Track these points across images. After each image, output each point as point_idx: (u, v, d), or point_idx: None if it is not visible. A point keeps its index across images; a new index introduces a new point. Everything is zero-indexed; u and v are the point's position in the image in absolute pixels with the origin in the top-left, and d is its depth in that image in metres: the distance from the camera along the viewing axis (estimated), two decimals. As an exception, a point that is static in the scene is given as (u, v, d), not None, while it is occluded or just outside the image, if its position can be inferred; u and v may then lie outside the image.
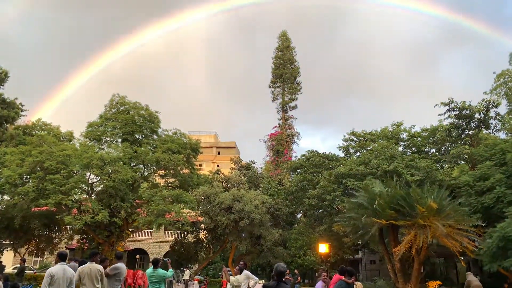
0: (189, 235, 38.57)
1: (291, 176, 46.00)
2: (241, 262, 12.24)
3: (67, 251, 29.47)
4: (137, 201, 33.00)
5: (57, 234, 37.75)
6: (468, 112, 34.33)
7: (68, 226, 36.08)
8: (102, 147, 34.75)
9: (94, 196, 32.00)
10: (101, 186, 31.75)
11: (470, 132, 35.42)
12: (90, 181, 32.29)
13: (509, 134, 34.44)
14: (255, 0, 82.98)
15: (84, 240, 35.41)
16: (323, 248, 33.68)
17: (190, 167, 37.39)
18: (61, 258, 8.57)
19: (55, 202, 27.20)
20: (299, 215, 45.26)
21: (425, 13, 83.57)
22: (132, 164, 33.43)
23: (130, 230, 35.33)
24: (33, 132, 36.42)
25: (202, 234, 38.37)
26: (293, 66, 58.72)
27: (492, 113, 34.67)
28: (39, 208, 31.01)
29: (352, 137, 42.54)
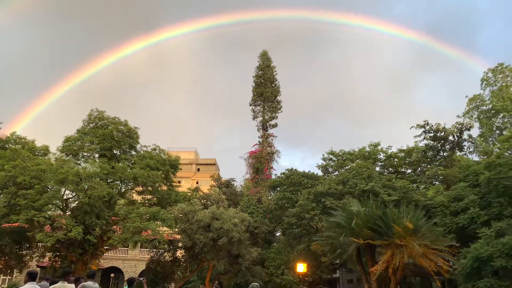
0: (165, 253, 37.85)
1: (271, 194, 45.99)
2: (216, 282, 12.11)
3: (38, 269, 28.46)
4: (113, 218, 32.32)
5: (28, 251, 36.46)
6: (442, 134, 35.28)
7: (39, 244, 34.92)
8: (79, 162, 34.07)
9: (68, 213, 31.20)
10: (76, 202, 31.03)
11: (444, 154, 36.32)
12: (64, 197, 31.52)
13: (482, 156, 35.45)
14: (238, 19, 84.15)
15: (57, 258, 34.27)
16: (301, 267, 33.55)
17: (168, 184, 36.97)
18: (31, 277, 8.29)
19: (27, 218, 26.40)
20: (278, 234, 45.11)
21: (401, 37, 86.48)
22: (109, 180, 32.84)
23: (105, 247, 34.47)
24: (7, 146, 35.44)
25: (179, 253, 37.72)
26: (273, 85, 59.35)
27: (465, 135, 35.76)
28: (9, 225, 29.99)
29: (331, 156, 43.04)
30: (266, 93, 58.13)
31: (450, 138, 35.55)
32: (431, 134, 35.72)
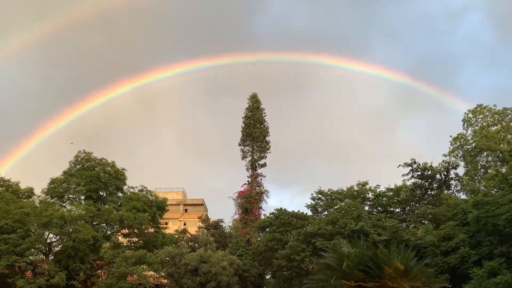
0: (152, 299, 36.52)
1: (260, 235, 45.26)
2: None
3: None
4: (97, 262, 31.38)
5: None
6: (430, 172, 35.66)
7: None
8: (64, 204, 33.48)
9: (51, 257, 30.24)
10: (60, 246, 30.19)
11: (432, 192, 36.55)
12: (48, 241, 30.68)
13: (469, 195, 35.77)
14: (225, 62, 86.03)
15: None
16: (292, 311, 32.54)
17: (155, 226, 36.36)
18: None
19: (7, 264, 25.48)
20: (268, 277, 44.00)
21: (383, 78, 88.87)
22: (94, 223, 32.19)
23: (89, 294, 33.17)
24: (-10, 189, 34.69)
25: (166, 298, 36.46)
26: (262, 126, 59.99)
27: (452, 174, 36.19)
28: (-11, 271, 28.84)
29: (320, 195, 42.93)
30: (255, 133, 58.60)
31: (438, 176, 35.92)
32: (419, 173, 36.07)
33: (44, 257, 30.20)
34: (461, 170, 43.43)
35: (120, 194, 36.31)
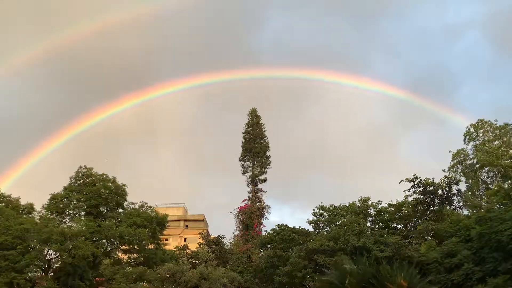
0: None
1: (261, 252, 44.84)
2: None
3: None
4: (97, 279, 31.07)
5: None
6: (432, 188, 35.51)
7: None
8: (64, 220, 33.36)
9: (50, 274, 29.95)
10: (59, 262, 29.93)
11: (434, 208, 36.34)
12: (47, 257, 30.44)
13: (471, 211, 35.55)
14: (226, 78, 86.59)
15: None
16: (294, 330, 32.03)
17: (155, 242, 36.13)
18: None
19: (6, 281, 25.22)
20: (269, 294, 43.43)
21: (383, 94, 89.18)
22: (94, 239, 32.01)
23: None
24: (-10, 204, 34.55)
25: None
26: (262, 141, 60.05)
27: (454, 189, 36.05)
28: (-13, 288, 28.52)
29: (321, 211, 42.65)
30: (255, 148, 58.60)
31: (440, 192, 35.76)
32: (420, 188, 35.92)
33: (43, 274, 29.92)
34: (462, 186, 43.36)
35: (120, 210, 36.23)
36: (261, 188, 57.85)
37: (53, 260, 30.95)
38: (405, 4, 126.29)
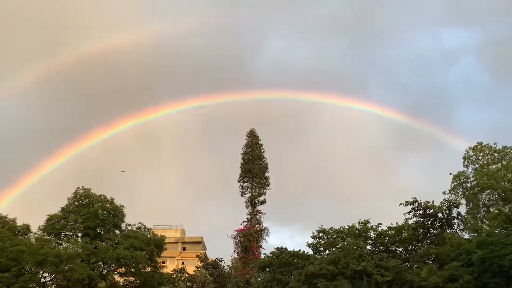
0: None
1: (260, 275, 44.15)
2: None
3: None
4: (92, 303, 30.47)
5: None
6: (431, 211, 35.30)
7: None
8: (61, 242, 32.93)
9: (44, 298, 29.38)
10: (54, 285, 29.42)
11: (435, 231, 36.05)
12: (42, 280, 29.91)
13: (472, 234, 35.24)
14: (226, 100, 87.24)
15: None
16: None
17: (152, 264, 35.60)
18: None
19: (-1, 304, 24.69)
20: (267, 319, 42.54)
21: (382, 117, 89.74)
22: (90, 261, 31.53)
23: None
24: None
25: None
26: (261, 162, 59.89)
27: (454, 213, 35.84)
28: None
29: (321, 234, 42.28)
30: (254, 169, 58.38)
31: (440, 215, 35.55)
32: (420, 211, 35.72)
33: (37, 297, 29.33)
34: (463, 209, 43.14)
35: (117, 232, 35.84)
36: (260, 210, 57.35)
37: (48, 282, 30.41)
38: (403, 29, 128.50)
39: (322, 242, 41.70)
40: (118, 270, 34.09)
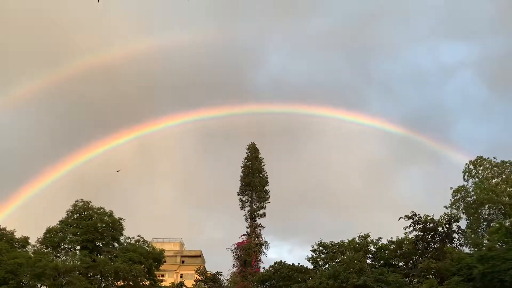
0: None
1: (259, 290, 43.77)
2: None
3: None
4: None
5: None
6: (432, 225, 35.22)
7: None
8: (59, 254, 32.74)
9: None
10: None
11: (435, 246, 35.89)
12: (39, 294, 29.63)
13: (473, 248, 35.08)
14: (225, 113, 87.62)
15: None
16: None
17: (151, 278, 35.35)
18: None
19: (-4, 318, 24.43)
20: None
21: (381, 129, 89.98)
22: (89, 274, 31.32)
23: None
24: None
25: None
26: (261, 175, 59.83)
27: (454, 227, 35.76)
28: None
29: (321, 248, 42.04)
30: (254, 182, 58.29)
31: (440, 229, 35.45)
32: (420, 225, 35.63)
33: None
34: (463, 223, 43.04)
35: (116, 245, 35.66)
36: (260, 223, 57.08)
37: (45, 296, 30.10)
38: (401, 44, 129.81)
39: (322, 256, 41.43)
40: (117, 284, 33.84)
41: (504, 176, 44.30)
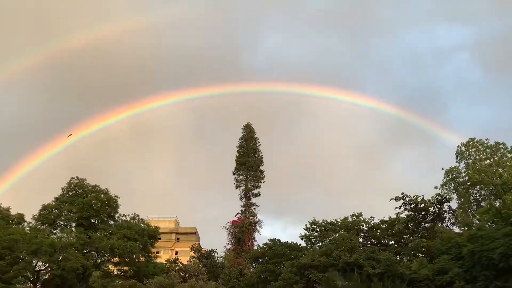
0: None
1: (253, 266, 44.54)
2: None
3: None
4: (86, 291, 30.65)
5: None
6: (423, 205, 35.70)
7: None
8: (55, 231, 33.01)
9: (39, 286, 29.54)
10: (48, 274, 29.53)
11: (426, 225, 36.48)
12: (36, 269, 30.00)
13: (463, 228, 35.72)
14: (221, 92, 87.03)
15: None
16: None
17: (146, 255, 35.81)
18: None
19: (-7, 292, 24.81)
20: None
21: (376, 110, 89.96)
22: (84, 251, 31.67)
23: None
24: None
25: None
26: (256, 155, 60.07)
27: (445, 207, 36.24)
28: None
29: (314, 226, 42.66)
30: (249, 162, 58.57)
31: (431, 209, 35.94)
32: (412, 206, 36.11)
33: (31, 285, 29.47)
34: (454, 203, 43.68)
35: (111, 222, 35.94)
36: (254, 202, 57.65)
37: (42, 271, 30.48)
38: (397, 26, 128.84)
39: (315, 234, 42.09)
40: (112, 260, 34.26)
41: (496, 158, 44.74)
